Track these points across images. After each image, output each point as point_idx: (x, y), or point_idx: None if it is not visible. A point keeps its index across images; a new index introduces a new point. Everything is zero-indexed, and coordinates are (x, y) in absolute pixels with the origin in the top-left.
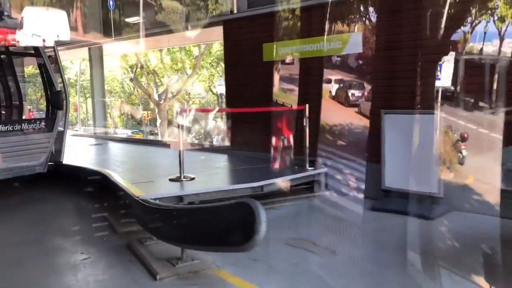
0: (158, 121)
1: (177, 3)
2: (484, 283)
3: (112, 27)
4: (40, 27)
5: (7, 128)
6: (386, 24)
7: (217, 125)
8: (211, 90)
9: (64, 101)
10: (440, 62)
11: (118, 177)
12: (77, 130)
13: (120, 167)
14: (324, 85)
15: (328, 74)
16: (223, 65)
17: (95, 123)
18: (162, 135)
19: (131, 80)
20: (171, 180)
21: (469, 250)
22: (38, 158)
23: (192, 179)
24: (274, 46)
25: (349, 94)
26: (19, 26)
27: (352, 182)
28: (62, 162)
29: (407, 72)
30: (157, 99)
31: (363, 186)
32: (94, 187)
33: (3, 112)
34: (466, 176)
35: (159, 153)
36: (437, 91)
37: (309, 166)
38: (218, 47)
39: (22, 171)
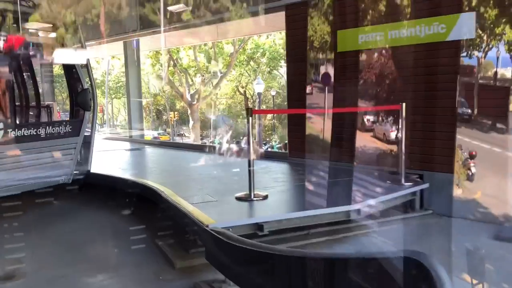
0: (191, 122)
1: None
2: None
3: (150, 18)
4: None
5: (28, 132)
6: None
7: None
8: (239, 90)
9: (92, 100)
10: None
11: (174, 196)
12: (105, 133)
13: (168, 178)
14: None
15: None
16: (252, 63)
17: (130, 126)
18: (196, 137)
19: (162, 79)
20: (239, 199)
21: None
22: (62, 166)
23: (265, 197)
24: (353, 33)
25: None
26: None
27: (461, 199)
28: (89, 171)
29: None
30: (189, 99)
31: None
32: (135, 203)
33: (23, 113)
34: None
35: (210, 161)
36: None
37: (406, 181)
38: (252, 45)
39: (44, 183)
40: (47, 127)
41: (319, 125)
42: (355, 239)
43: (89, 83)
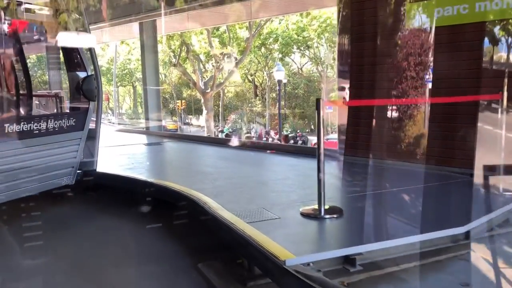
0: (204, 112)
1: None
2: None
3: None
4: None
5: (27, 127)
6: None
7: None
8: (248, 78)
9: (97, 89)
10: None
11: (222, 210)
12: (111, 122)
13: (204, 182)
14: None
15: None
16: (263, 50)
17: (147, 116)
18: (209, 128)
19: (174, 66)
20: (306, 215)
21: None
22: (65, 166)
23: (340, 214)
24: (427, 5)
25: None
26: None
27: None
28: (95, 170)
29: None
30: (202, 87)
31: None
32: (163, 212)
33: (25, 104)
34: None
35: (245, 157)
36: None
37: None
38: (267, 29)
39: (44, 185)
40: (48, 120)
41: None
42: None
43: (93, 69)
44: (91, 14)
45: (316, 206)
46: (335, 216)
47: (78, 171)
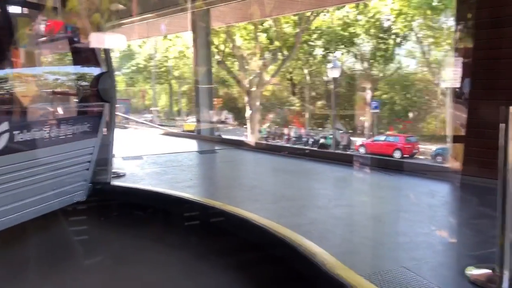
0: (248, 112)
1: None
2: None
3: None
4: None
5: (40, 134)
6: None
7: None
8: (286, 77)
9: (113, 89)
10: None
11: (349, 272)
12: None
13: (291, 212)
14: None
15: None
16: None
17: (200, 117)
18: (253, 128)
19: (218, 63)
20: (479, 284)
21: None
22: (76, 179)
23: None
24: None
25: None
26: None
27: None
28: (109, 183)
29: None
30: (247, 85)
31: None
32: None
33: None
34: None
35: (325, 173)
36: None
37: None
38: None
39: (53, 205)
40: (61, 125)
41: None
42: None
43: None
44: (137, 4)
45: (490, 270)
46: None
47: (89, 184)
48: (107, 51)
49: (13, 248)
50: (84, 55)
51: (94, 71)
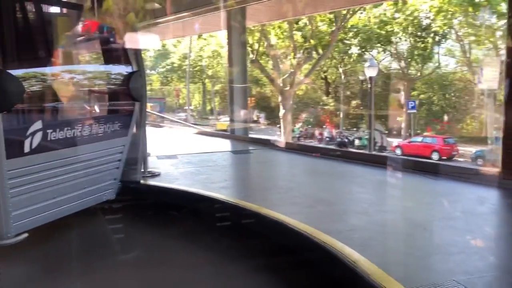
0: (281, 111)
1: None
2: None
3: None
4: None
5: (72, 132)
6: None
7: None
8: (321, 75)
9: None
10: None
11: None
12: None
13: (331, 218)
14: None
15: None
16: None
17: (233, 117)
18: (286, 128)
19: (252, 62)
20: None
21: None
22: (107, 178)
23: None
24: None
25: None
26: None
27: None
28: (139, 182)
29: None
30: (281, 84)
31: None
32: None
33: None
34: None
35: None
36: None
37: None
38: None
39: (84, 203)
40: (92, 124)
41: None
42: None
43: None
44: (172, 3)
45: None
46: None
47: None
48: (138, 50)
49: (49, 245)
50: (115, 55)
51: (125, 70)
